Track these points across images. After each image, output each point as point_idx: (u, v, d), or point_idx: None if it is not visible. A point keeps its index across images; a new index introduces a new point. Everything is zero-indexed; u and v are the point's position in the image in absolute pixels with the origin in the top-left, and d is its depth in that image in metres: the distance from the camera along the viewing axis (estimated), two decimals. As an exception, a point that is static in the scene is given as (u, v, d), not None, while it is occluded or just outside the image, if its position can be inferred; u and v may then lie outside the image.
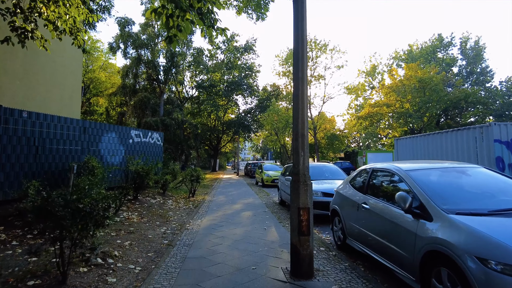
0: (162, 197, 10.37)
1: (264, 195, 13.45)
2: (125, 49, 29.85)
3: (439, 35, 45.97)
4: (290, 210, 3.96)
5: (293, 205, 3.88)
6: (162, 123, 29.50)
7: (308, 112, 21.09)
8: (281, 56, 35.72)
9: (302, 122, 3.90)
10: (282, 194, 10.20)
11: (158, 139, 13.30)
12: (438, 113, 30.34)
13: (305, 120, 3.93)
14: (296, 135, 3.92)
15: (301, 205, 3.78)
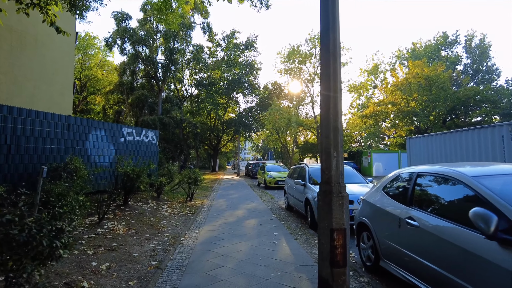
0: (156, 202, 9.33)
1: (267, 198, 12.42)
2: (122, 45, 28.78)
3: (443, 33, 45.04)
4: (318, 232, 2.92)
5: (323, 225, 2.83)
6: (160, 122, 28.46)
7: (313, 109, 19.56)
8: (282, 54, 34.65)
9: (335, 112, 2.86)
10: (290, 199, 9.18)
11: (153, 137, 12.27)
12: (445, 111, 29.29)
13: (339, 109, 2.90)
14: (326, 129, 2.88)
15: (335, 226, 2.74)
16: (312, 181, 7.75)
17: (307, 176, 7.89)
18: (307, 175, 7.92)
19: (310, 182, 7.69)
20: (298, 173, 8.90)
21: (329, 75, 2.90)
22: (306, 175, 7.95)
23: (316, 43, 31.37)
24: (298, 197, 8.01)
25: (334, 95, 2.86)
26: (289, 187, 9.28)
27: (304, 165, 8.65)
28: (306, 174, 7.97)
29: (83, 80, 38.05)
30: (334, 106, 2.85)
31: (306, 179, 7.83)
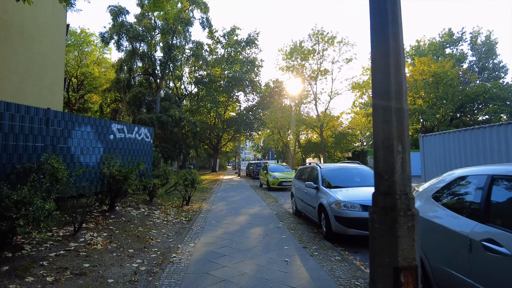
0: (148, 207, 8.31)
1: (272, 201, 11.38)
2: (118, 41, 27.75)
3: (449, 30, 44.13)
4: (371, 270, 1.87)
5: (380, 261, 1.79)
6: (158, 120, 27.45)
7: (316, 108, 18.51)
8: (284, 51, 33.62)
9: (398, 83, 1.83)
10: (298, 203, 8.15)
11: (146, 135, 11.23)
12: (454, 109, 28.25)
13: (403, 80, 1.86)
14: (385, 112, 1.85)
15: (402, 262, 1.71)
16: (325, 183, 6.72)
17: (320, 178, 6.86)
18: (320, 177, 6.89)
19: (324, 185, 6.66)
20: (308, 175, 7.87)
21: (386, 40, 1.86)
22: (318, 177, 6.93)
23: (319, 38, 30.36)
24: (310, 202, 6.99)
25: (397, 67, 1.83)
26: (298, 190, 8.25)
27: (315, 165, 7.62)
28: (319, 176, 6.94)
29: (80, 77, 37.07)
30: (397, 79, 1.82)
31: (318, 181, 6.80)
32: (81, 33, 36.35)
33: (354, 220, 5.43)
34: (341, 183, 6.68)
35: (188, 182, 9.11)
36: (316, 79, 31.24)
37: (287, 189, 15.94)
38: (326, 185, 6.63)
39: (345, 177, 7.06)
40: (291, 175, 16.42)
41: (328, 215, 5.78)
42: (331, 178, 6.92)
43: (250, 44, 35.53)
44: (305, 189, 7.38)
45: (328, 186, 6.60)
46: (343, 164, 7.85)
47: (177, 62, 34.10)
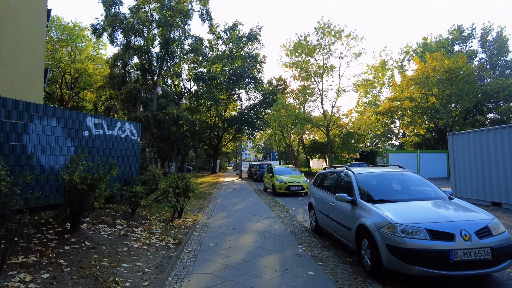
0: (127, 222, 6.49)
1: (281, 211, 9.55)
2: (111, 34, 25.98)
3: (458, 26, 42.36)
4: None
5: None
6: (154, 119, 25.67)
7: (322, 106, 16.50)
8: (287, 46, 31.78)
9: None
10: (321, 218, 6.32)
11: (132, 131, 9.43)
12: (471, 107, 26.39)
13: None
14: None
15: None
16: (364, 195, 4.89)
17: (356, 187, 5.03)
18: (355, 185, 5.06)
19: (363, 197, 4.83)
20: (334, 182, 6.04)
21: None
22: (353, 186, 5.10)
23: (326, 32, 28.53)
24: (341, 220, 5.17)
25: None
26: (320, 202, 6.43)
27: (346, 170, 5.79)
28: (354, 184, 5.11)
29: (74, 74, 35.30)
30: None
31: (354, 192, 4.97)
32: (74, 27, 34.58)
33: (420, 253, 3.61)
34: (386, 195, 4.85)
35: (179, 190, 7.27)
36: (322, 75, 29.41)
37: (295, 194, 14.12)
38: (366, 198, 4.80)
39: (390, 187, 5.23)
40: (299, 178, 14.61)
41: (377, 243, 3.96)
42: (372, 188, 5.10)
43: (252, 39, 33.74)
44: (333, 202, 5.56)
45: (369, 199, 4.77)
46: (382, 169, 5.99)
47: (176, 59, 32.33)
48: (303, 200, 12.66)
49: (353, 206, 4.83)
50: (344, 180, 5.66)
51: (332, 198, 5.74)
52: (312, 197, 7.07)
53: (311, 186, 7.45)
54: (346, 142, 29.59)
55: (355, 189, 5.01)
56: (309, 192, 7.48)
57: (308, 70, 29.51)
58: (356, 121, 28.42)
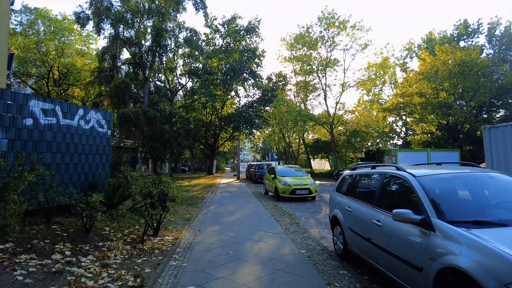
0: (74, 248, 4.48)
1: (290, 222, 7.58)
2: (98, 23, 23.92)
3: (464, 21, 40.65)
4: None
5: None
6: (145, 115, 23.65)
7: (325, 102, 13.95)
8: (287, 40, 29.83)
9: None
10: (353, 240, 4.36)
11: (100, 122, 7.42)
12: (487, 101, 24.52)
13: None
14: None
15: None
16: (446, 215, 2.90)
17: (425, 199, 3.04)
18: (424, 196, 3.08)
19: (442, 217, 2.85)
20: (379, 189, 4.02)
21: None
22: (419, 196, 3.12)
23: (330, 23, 26.62)
24: (399, 251, 3.19)
25: None
26: (352, 217, 4.46)
27: (397, 170, 3.80)
28: (420, 193, 3.13)
29: (62, 70, 33.18)
30: None
31: (424, 207, 2.98)
32: (63, 20, 32.47)
33: None
34: (482, 214, 2.91)
35: (154, 200, 5.27)
36: (325, 69, 27.50)
37: (302, 199, 12.17)
38: (448, 218, 2.83)
39: (482, 198, 3.26)
40: (306, 180, 12.63)
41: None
42: (452, 201, 3.14)
43: (250, 32, 31.74)
44: (378, 220, 3.60)
45: (452, 220, 2.80)
46: (449, 169, 3.98)
47: (169, 53, 30.31)
48: (312, 206, 10.71)
49: (424, 231, 2.87)
50: (397, 186, 3.71)
51: (375, 213, 3.79)
52: (337, 209, 5.08)
53: (334, 193, 5.48)
54: (351, 140, 27.71)
55: (424, 203, 3.03)
56: (332, 202, 5.50)
57: (310, 64, 27.59)
58: (362, 118, 26.49)
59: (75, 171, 6.59)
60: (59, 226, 5.19)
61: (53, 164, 6.03)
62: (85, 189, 6.82)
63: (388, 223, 3.46)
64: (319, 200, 12.20)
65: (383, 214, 3.64)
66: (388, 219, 3.48)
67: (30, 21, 30.67)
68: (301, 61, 28.10)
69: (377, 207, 3.85)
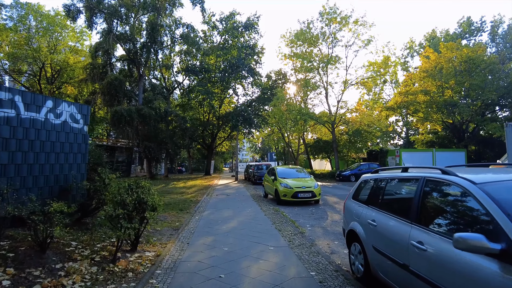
0: (18, 274, 3.49)
1: (293, 232, 6.59)
2: (90, 17, 22.89)
3: (468, 18, 39.82)
4: None
5: None
6: (139, 114, 22.63)
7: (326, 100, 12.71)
8: (287, 36, 28.84)
9: None
10: (380, 262, 3.38)
11: (75, 117, 6.42)
12: (495, 99, 23.66)
13: None
14: None
15: None
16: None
17: (505, 220, 2.07)
18: (502, 216, 2.10)
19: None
20: (418, 200, 3.03)
21: None
22: (492, 215, 2.15)
23: (331, 18, 25.68)
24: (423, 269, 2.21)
25: None
26: (378, 233, 3.48)
27: (444, 175, 2.82)
28: (493, 211, 2.16)
29: (55, 67, 32.10)
30: None
31: (505, 232, 2.01)
32: (56, 15, 31.36)
33: None
34: None
35: (129, 210, 4.27)
36: (327, 66, 26.56)
37: (305, 203, 11.20)
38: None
39: None
40: (308, 182, 11.65)
41: None
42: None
43: (249, 28, 30.77)
44: (421, 242, 2.63)
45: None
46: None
47: (165, 49, 29.32)
48: (316, 211, 9.74)
49: (507, 266, 1.90)
50: (447, 196, 2.74)
51: (414, 231, 2.83)
52: (355, 222, 4.10)
53: (350, 201, 4.50)
54: (353, 140, 26.77)
55: (503, 224, 2.06)
56: (348, 212, 4.51)
57: (311, 60, 26.64)
58: (365, 116, 25.55)
59: (42, 173, 5.59)
60: (9, 242, 4.19)
61: (11, 165, 5.03)
62: (55, 194, 5.84)
63: (438, 248, 2.48)
64: (323, 204, 11.23)
65: (427, 234, 2.67)
66: (436, 243, 2.51)
67: (21, 16, 29.56)
68: (302, 57, 27.15)
69: (416, 224, 2.88)
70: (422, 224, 2.81)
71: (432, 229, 2.66)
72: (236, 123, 27.51)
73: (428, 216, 2.86)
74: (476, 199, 2.32)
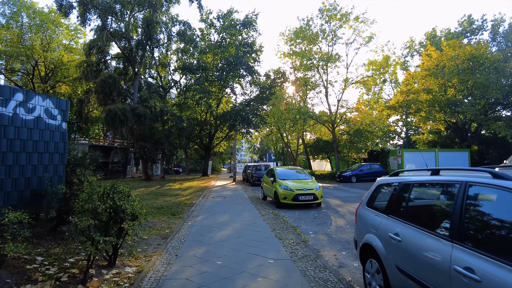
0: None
1: (295, 240, 5.93)
2: (83, 13, 22.17)
3: (468, 17, 39.28)
4: None
5: None
6: (133, 113, 21.91)
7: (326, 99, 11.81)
8: (286, 34, 28.19)
9: None
10: (399, 282, 2.73)
11: (51, 112, 5.72)
12: (500, 98, 23.11)
13: None
14: None
15: None
16: None
17: None
18: None
19: None
20: (459, 213, 2.39)
21: None
22: None
23: (332, 15, 25.06)
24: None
25: None
26: (405, 252, 2.81)
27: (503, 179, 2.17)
28: None
29: (49, 66, 31.31)
30: None
31: None
32: (50, 12, 30.60)
33: None
34: None
35: (102, 220, 3.59)
36: (327, 64, 25.93)
37: (306, 206, 10.54)
38: None
39: None
40: (310, 184, 10.96)
41: None
42: None
43: (247, 26, 30.10)
44: (473, 271, 1.97)
45: None
46: None
47: (161, 47, 28.63)
48: (319, 215, 9.08)
49: None
50: (507, 210, 2.08)
51: (457, 252, 2.17)
52: (371, 234, 3.43)
53: (364, 209, 3.84)
54: (354, 140, 26.15)
55: None
56: (362, 222, 3.84)
57: (310, 58, 26.01)
58: (367, 116, 24.94)
59: (9, 176, 4.90)
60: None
61: (-31, 166, 4.35)
62: (26, 199, 5.16)
63: (501, 282, 1.82)
64: (326, 207, 10.57)
65: (478, 258, 2.01)
66: (496, 272, 1.85)
67: (13, 12, 28.77)
68: (301, 55, 26.50)
69: (459, 242, 2.22)
70: (468, 244, 2.15)
71: (484, 252, 2.01)
72: (234, 122, 26.84)
73: (477, 233, 2.20)
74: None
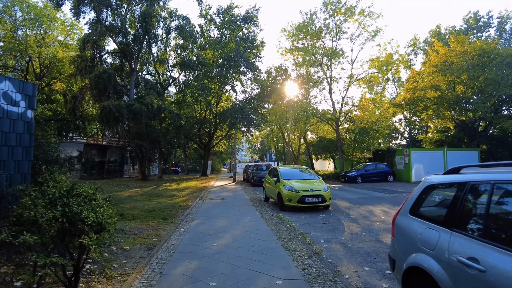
0: None
1: (305, 252, 4.94)
2: (77, 5, 21.22)
3: (474, 13, 38.36)
4: None
5: None
6: (129, 110, 20.96)
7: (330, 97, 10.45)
8: (288, 30, 27.21)
9: None
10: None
11: (11, 97, 4.74)
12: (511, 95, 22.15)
13: None
14: None
15: None
16: None
17: None
18: None
19: None
20: None
21: None
22: None
23: (336, 9, 24.08)
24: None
25: None
26: (484, 285, 1.84)
27: None
28: None
29: (44, 62, 30.36)
30: None
31: None
32: (45, 7, 29.63)
33: None
34: None
35: (51, 234, 2.63)
36: (331, 59, 24.95)
37: (313, 209, 9.56)
38: None
39: None
40: (317, 185, 9.95)
41: None
42: None
43: (248, 21, 29.10)
44: None
45: None
46: None
47: (159, 43, 27.69)
48: (328, 219, 8.09)
49: None
50: None
51: None
52: (422, 254, 2.45)
53: (407, 218, 2.85)
54: (359, 139, 25.16)
55: None
56: (404, 236, 2.85)
57: (314, 53, 25.04)
58: (372, 114, 23.97)
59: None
60: None
61: None
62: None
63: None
64: (334, 210, 9.60)
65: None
66: None
67: (5, 6, 27.82)
68: (304, 51, 25.51)
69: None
70: None
71: None
72: (234, 120, 25.85)
73: None
74: None
